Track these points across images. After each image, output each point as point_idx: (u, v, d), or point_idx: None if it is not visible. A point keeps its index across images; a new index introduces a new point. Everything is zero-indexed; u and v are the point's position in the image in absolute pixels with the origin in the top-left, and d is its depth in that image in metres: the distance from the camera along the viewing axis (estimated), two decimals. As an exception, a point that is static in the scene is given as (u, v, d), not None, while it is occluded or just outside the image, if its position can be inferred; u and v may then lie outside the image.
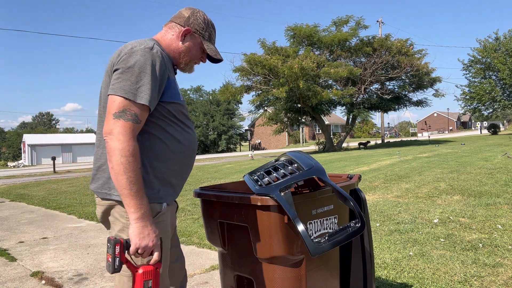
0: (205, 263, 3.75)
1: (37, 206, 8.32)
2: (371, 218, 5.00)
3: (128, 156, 1.32)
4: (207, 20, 1.61)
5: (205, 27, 1.60)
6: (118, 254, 1.30)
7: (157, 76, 1.40)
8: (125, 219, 1.44)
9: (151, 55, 1.40)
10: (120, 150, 1.32)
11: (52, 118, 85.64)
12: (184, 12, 1.59)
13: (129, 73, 1.36)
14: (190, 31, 1.57)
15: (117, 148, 1.32)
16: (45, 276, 3.66)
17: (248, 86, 25.39)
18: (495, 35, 32.79)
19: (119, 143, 1.32)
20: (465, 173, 8.13)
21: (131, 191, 1.32)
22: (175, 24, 1.58)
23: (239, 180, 2.36)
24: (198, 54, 1.62)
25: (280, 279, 1.72)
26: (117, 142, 1.32)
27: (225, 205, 1.83)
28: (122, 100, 1.35)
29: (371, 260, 2.18)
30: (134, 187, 1.32)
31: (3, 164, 45.52)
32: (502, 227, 4.27)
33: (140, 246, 1.33)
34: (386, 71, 26.12)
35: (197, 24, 1.57)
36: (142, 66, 1.37)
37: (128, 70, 1.37)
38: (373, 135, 65.86)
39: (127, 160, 1.31)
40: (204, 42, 1.60)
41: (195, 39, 1.59)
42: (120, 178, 1.31)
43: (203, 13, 1.62)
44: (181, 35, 1.55)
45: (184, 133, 1.54)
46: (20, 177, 18.38)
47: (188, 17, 1.57)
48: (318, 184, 2.13)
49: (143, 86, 1.37)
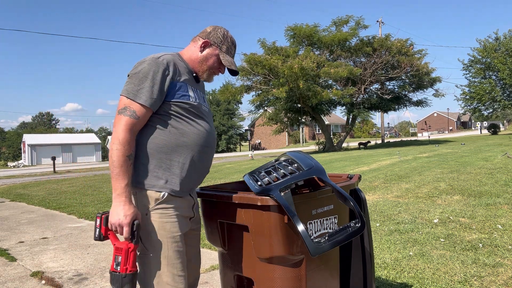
0: (205, 263, 3.75)
1: (37, 206, 8.32)
2: (371, 218, 5.00)
3: (118, 144, 1.55)
4: (226, 36, 1.81)
5: (223, 41, 1.80)
6: (98, 226, 1.55)
7: (158, 80, 1.61)
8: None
9: (156, 63, 1.62)
10: (114, 138, 1.58)
11: (52, 118, 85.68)
12: (208, 28, 1.83)
13: (133, 78, 1.62)
14: (208, 43, 1.78)
15: (113, 137, 1.58)
16: (45, 276, 3.66)
17: (248, 86, 25.39)
18: (495, 35, 32.82)
19: (115, 133, 1.57)
20: (465, 173, 8.13)
21: (113, 173, 1.55)
22: (198, 37, 1.81)
23: (239, 180, 2.36)
24: (215, 64, 1.80)
25: (280, 279, 1.72)
26: (114, 133, 1.58)
27: (225, 205, 1.83)
28: (125, 99, 1.60)
29: (371, 260, 2.18)
30: (115, 170, 1.54)
31: (3, 164, 45.54)
32: (502, 227, 4.27)
33: (111, 221, 1.54)
34: (386, 71, 26.11)
35: (216, 38, 1.79)
36: (146, 72, 1.61)
37: (134, 75, 1.62)
38: (373, 135, 65.86)
39: (116, 147, 1.55)
40: (221, 53, 1.79)
41: (212, 50, 1.79)
42: (110, 162, 1.56)
43: (225, 30, 1.83)
44: (201, 46, 1.78)
45: (192, 128, 1.69)
46: (20, 177, 18.38)
47: (209, 32, 1.80)
48: (318, 184, 2.13)
49: (143, 89, 1.60)
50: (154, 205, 1.62)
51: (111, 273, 1.53)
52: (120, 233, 1.53)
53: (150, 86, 1.59)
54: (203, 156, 1.73)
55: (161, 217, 1.62)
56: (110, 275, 1.53)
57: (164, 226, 1.62)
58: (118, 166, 1.53)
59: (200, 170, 1.75)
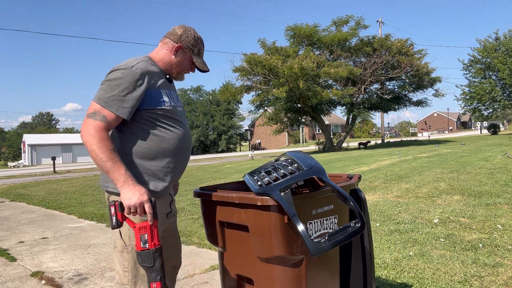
0: (205, 263, 3.75)
1: (37, 206, 8.32)
2: (371, 218, 5.00)
3: (97, 143, 1.58)
4: (197, 37, 1.86)
5: (195, 43, 1.84)
6: (114, 214, 1.60)
7: (131, 90, 1.65)
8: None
9: (129, 73, 1.66)
10: (89, 140, 1.59)
11: (52, 118, 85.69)
12: (177, 30, 1.84)
13: (106, 85, 1.67)
14: (181, 47, 1.82)
15: (87, 140, 1.60)
16: (45, 276, 3.66)
17: (248, 86, 25.37)
18: (495, 35, 32.80)
19: (87, 136, 1.60)
20: (465, 173, 8.13)
21: (106, 168, 1.59)
22: (169, 40, 1.83)
23: (239, 180, 2.36)
24: (188, 66, 1.87)
25: (280, 279, 1.72)
26: (87, 136, 1.60)
27: (225, 205, 1.83)
28: (96, 105, 1.65)
29: (371, 260, 2.18)
30: (107, 164, 1.58)
31: (3, 164, 45.52)
32: (502, 227, 4.27)
33: (129, 205, 1.58)
34: (386, 71, 26.10)
35: (188, 41, 1.82)
36: (118, 81, 1.65)
37: (106, 83, 1.67)
38: (373, 135, 65.84)
39: (97, 145, 1.58)
40: (193, 56, 1.85)
41: (185, 54, 1.84)
42: (97, 161, 1.60)
43: (194, 30, 1.87)
44: (174, 50, 1.81)
45: (170, 133, 1.77)
46: (20, 177, 18.38)
47: (180, 34, 1.82)
48: (318, 184, 2.13)
49: (114, 96, 1.64)
50: None
51: (140, 253, 1.59)
52: (141, 213, 1.60)
53: (122, 95, 1.64)
54: (182, 158, 1.84)
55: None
56: (139, 255, 1.59)
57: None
58: (108, 159, 1.58)
59: (180, 170, 1.86)
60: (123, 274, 1.74)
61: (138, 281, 1.71)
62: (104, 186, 1.79)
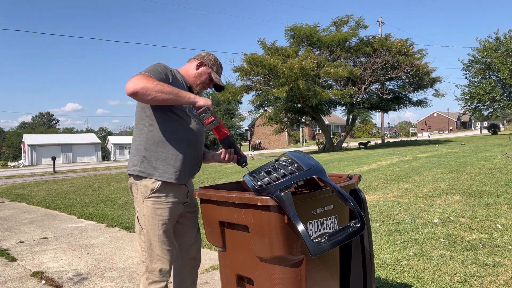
0: (205, 263, 3.75)
1: (37, 206, 8.33)
2: (371, 218, 5.00)
3: (155, 84, 1.83)
4: (217, 59, 2.29)
5: (214, 63, 2.26)
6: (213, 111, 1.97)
7: (164, 74, 2.00)
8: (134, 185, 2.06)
9: (164, 66, 2.07)
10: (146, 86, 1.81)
11: (52, 118, 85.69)
12: (202, 53, 2.29)
13: (148, 67, 2.03)
14: (203, 63, 2.23)
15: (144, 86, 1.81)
16: (45, 276, 3.66)
17: (248, 86, 25.38)
18: (495, 35, 32.77)
19: (143, 83, 1.81)
20: (465, 173, 8.13)
21: (175, 95, 1.87)
22: (194, 59, 2.26)
23: (239, 180, 2.36)
24: (207, 79, 2.23)
25: (280, 279, 1.72)
26: (142, 83, 1.81)
27: (225, 205, 1.83)
28: (141, 72, 1.94)
29: (371, 260, 2.18)
30: (174, 91, 1.87)
31: (3, 164, 45.55)
32: (502, 227, 4.27)
33: (206, 104, 1.95)
34: (386, 71, 26.10)
35: (208, 60, 2.25)
36: (157, 66, 2.04)
37: (148, 67, 2.04)
38: (373, 135, 65.84)
39: (156, 86, 1.83)
40: (212, 72, 2.23)
41: (206, 69, 2.23)
42: (165, 93, 1.84)
43: (215, 56, 2.30)
44: (197, 65, 2.22)
45: (182, 125, 2.06)
46: (20, 177, 18.39)
47: (204, 55, 2.26)
48: (318, 184, 2.13)
49: (155, 71, 1.96)
50: (149, 194, 1.98)
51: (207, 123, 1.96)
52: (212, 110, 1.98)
53: (160, 73, 1.98)
54: (192, 148, 2.11)
55: (154, 204, 1.99)
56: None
57: (156, 211, 1.99)
58: (170, 90, 1.85)
59: (192, 160, 2.11)
60: (141, 253, 2.04)
61: (153, 260, 2.00)
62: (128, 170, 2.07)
